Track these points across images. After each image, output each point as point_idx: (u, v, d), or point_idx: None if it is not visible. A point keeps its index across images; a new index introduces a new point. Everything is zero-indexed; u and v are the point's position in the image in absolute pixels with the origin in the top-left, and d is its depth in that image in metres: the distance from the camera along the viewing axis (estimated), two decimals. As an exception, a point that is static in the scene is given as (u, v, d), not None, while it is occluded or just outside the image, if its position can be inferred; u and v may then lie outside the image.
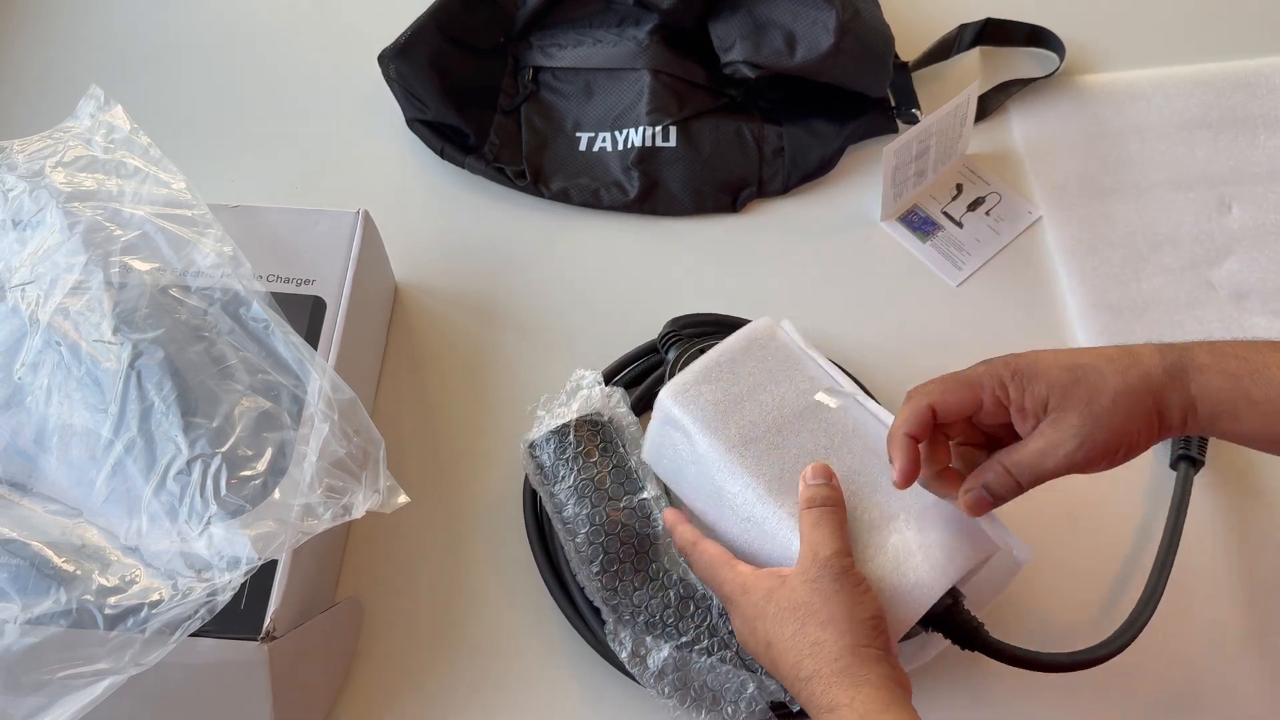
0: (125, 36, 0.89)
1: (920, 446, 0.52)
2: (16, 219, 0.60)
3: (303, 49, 0.88)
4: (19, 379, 0.56)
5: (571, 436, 0.62)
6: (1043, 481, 0.51)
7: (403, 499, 0.54)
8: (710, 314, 0.71)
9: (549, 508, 0.62)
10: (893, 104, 0.83)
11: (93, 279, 0.58)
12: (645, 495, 0.62)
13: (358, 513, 0.52)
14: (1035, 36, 0.86)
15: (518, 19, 0.85)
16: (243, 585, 0.51)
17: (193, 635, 0.49)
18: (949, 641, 0.55)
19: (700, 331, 0.69)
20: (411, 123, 0.81)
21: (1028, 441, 0.51)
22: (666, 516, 0.59)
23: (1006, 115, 0.83)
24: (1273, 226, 0.77)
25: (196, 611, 0.49)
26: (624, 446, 0.63)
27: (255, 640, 0.52)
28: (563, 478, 0.61)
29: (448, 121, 0.80)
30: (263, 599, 0.53)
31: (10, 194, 0.61)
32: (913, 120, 0.81)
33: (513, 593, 0.65)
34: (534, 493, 0.65)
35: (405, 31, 0.81)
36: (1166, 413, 0.49)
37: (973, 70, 0.86)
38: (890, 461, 0.52)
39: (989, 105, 0.82)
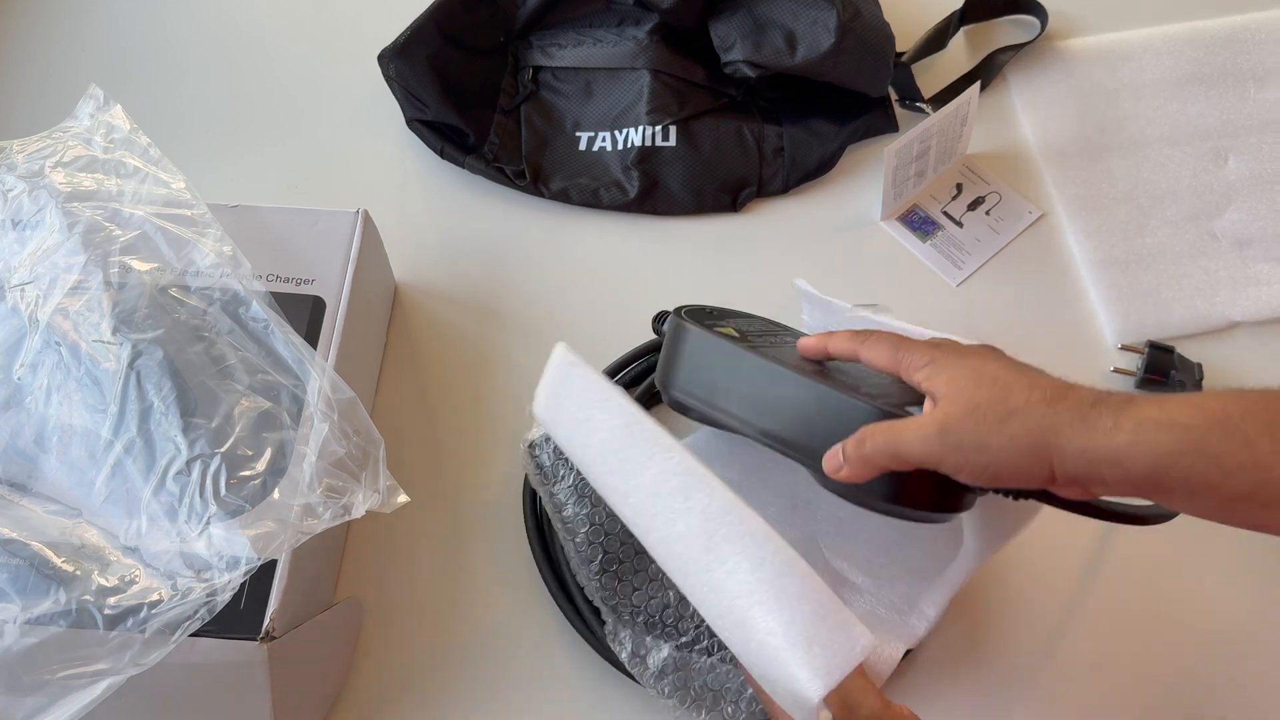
0: (125, 36, 0.89)
1: None
2: (16, 219, 0.60)
3: (302, 49, 0.88)
4: (18, 379, 0.56)
5: None
6: (895, 457, 0.47)
7: (402, 499, 0.54)
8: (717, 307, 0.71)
9: (549, 508, 0.62)
10: (895, 99, 0.83)
11: (92, 279, 0.58)
12: None
13: (357, 512, 0.52)
14: (1014, 3, 0.87)
15: (517, 18, 0.85)
16: (242, 585, 0.51)
17: (192, 635, 0.49)
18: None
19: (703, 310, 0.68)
20: (411, 122, 0.81)
21: (910, 421, 0.47)
22: None
23: (1005, 85, 0.84)
24: (1269, 176, 0.79)
25: (196, 612, 0.49)
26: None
27: (255, 640, 0.52)
28: (562, 477, 0.61)
29: (447, 121, 0.80)
30: (262, 599, 0.53)
31: (10, 194, 0.61)
32: (920, 113, 0.81)
33: (513, 592, 0.65)
34: (534, 493, 0.65)
35: (405, 31, 0.81)
36: (1060, 444, 0.43)
37: (962, 52, 0.87)
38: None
39: (987, 77, 0.83)
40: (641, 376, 0.70)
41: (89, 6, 0.91)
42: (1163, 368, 0.70)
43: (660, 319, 0.65)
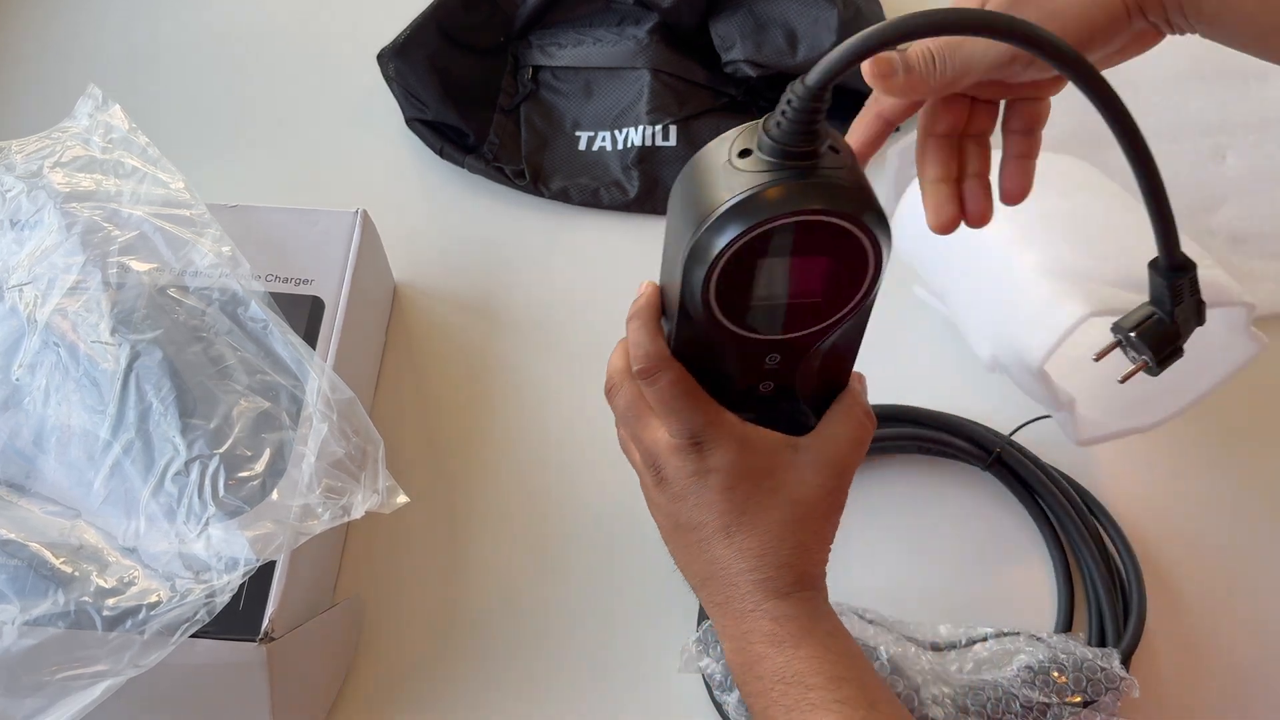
0: (123, 36, 0.89)
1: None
2: (14, 219, 0.60)
3: (301, 48, 0.88)
4: (17, 380, 0.56)
5: None
6: (963, 74, 0.43)
7: (402, 499, 0.54)
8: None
9: None
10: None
11: (91, 279, 0.57)
12: (884, 654, 0.56)
13: (357, 513, 0.52)
14: None
15: (517, 18, 0.85)
16: (241, 586, 0.51)
17: (191, 636, 0.49)
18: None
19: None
20: (411, 122, 0.81)
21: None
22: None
23: None
24: (1267, 173, 0.79)
25: (195, 613, 0.49)
26: None
27: (254, 641, 0.52)
28: None
29: (447, 121, 0.80)
30: (261, 600, 0.53)
31: (8, 194, 0.60)
32: None
33: (511, 593, 0.65)
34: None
35: (404, 30, 0.81)
36: None
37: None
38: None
39: None
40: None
41: (88, 6, 0.91)
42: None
43: None
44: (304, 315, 0.62)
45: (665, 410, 0.45)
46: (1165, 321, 0.47)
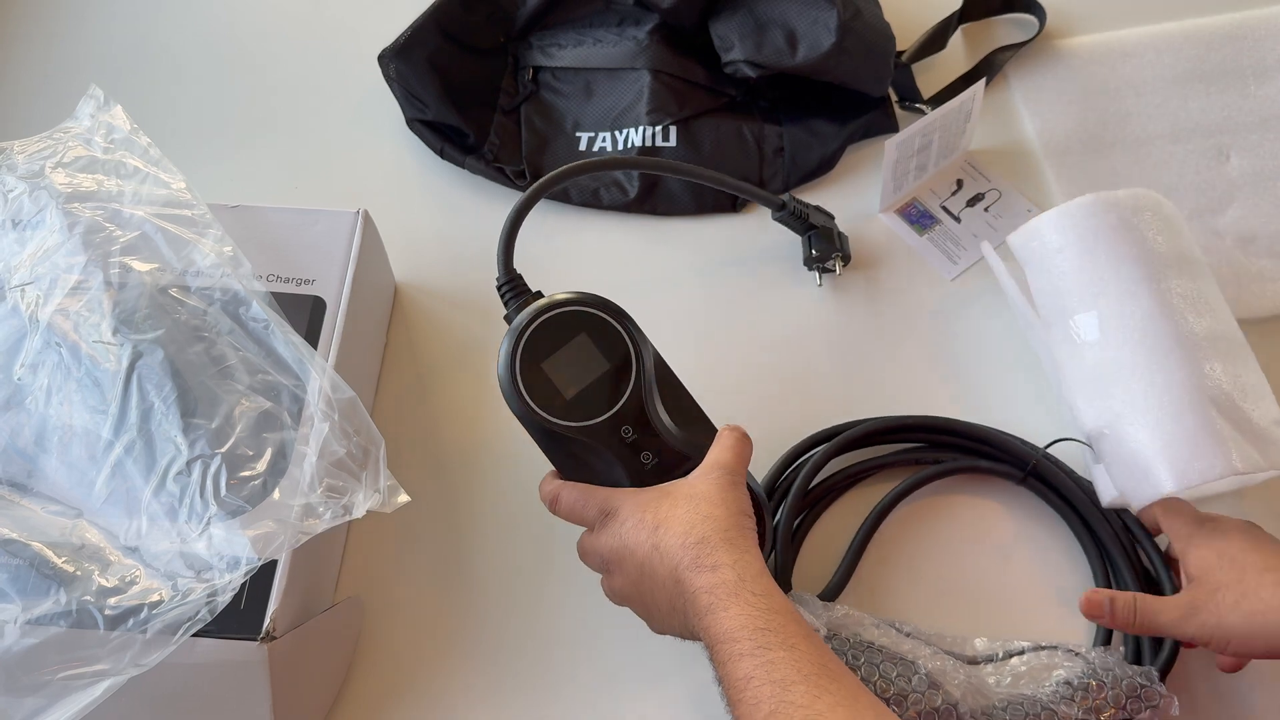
0: (125, 36, 0.89)
1: None
2: (16, 219, 0.60)
3: (302, 48, 0.88)
4: (19, 380, 0.56)
5: None
6: (1150, 628, 0.56)
7: (403, 498, 0.54)
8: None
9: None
10: (894, 100, 0.83)
11: (92, 279, 0.58)
12: (922, 668, 0.56)
13: (358, 512, 0.52)
14: (1012, 1, 0.88)
15: (518, 18, 0.85)
16: (243, 585, 0.51)
17: (193, 635, 0.49)
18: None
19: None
20: (411, 122, 0.81)
21: (1167, 599, 0.56)
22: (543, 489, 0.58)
23: (1007, 84, 0.84)
24: (1271, 172, 0.79)
25: (197, 612, 0.49)
26: (866, 641, 0.58)
27: (255, 640, 0.52)
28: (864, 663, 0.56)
29: (448, 121, 0.80)
30: (262, 599, 0.53)
31: (10, 195, 0.61)
32: (919, 113, 0.81)
33: (512, 592, 0.65)
34: None
35: (405, 31, 0.81)
36: None
37: (960, 52, 0.87)
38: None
39: (988, 76, 0.83)
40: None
41: (89, 7, 0.91)
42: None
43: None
44: (305, 315, 0.62)
45: (578, 514, 0.56)
46: (818, 232, 0.74)
